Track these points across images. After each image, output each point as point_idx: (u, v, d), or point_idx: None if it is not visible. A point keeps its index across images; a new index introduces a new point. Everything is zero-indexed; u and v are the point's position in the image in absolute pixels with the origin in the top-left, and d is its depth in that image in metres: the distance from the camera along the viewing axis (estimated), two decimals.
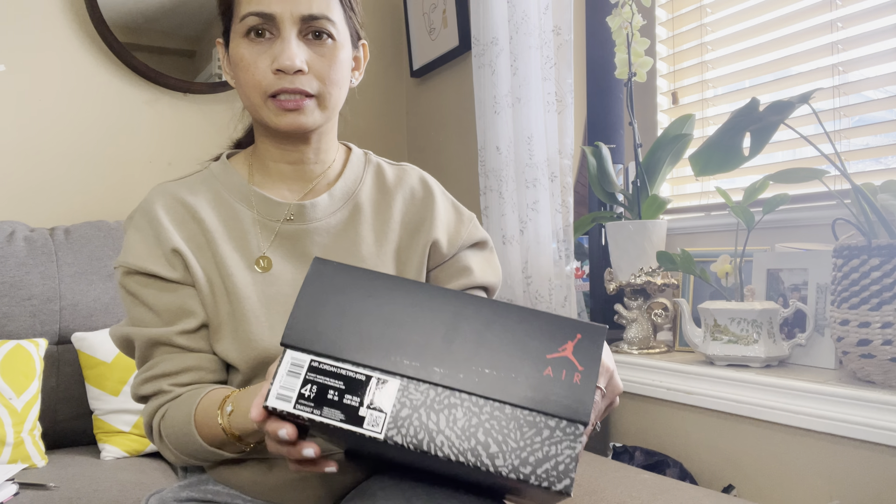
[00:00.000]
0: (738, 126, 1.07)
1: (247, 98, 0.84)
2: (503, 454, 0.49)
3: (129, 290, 0.85)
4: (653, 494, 1.09)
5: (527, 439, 0.49)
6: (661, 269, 1.44)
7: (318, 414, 0.51)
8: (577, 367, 0.50)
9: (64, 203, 1.97)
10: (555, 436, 0.49)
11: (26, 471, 1.42)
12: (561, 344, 0.50)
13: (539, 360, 0.50)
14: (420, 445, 0.49)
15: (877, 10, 1.25)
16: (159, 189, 0.88)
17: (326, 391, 0.51)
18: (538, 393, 0.49)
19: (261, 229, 0.87)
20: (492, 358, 0.50)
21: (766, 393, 1.16)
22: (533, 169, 1.62)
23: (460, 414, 0.50)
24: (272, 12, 0.80)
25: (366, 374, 0.51)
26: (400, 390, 0.51)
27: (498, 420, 0.49)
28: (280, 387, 0.52)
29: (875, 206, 1.03)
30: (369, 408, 0.50)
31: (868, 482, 1.07)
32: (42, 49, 1.95)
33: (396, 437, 0.50)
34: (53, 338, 1.63)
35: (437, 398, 0.50)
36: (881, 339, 1.01)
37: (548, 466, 0.48)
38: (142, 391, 0.84)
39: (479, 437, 0.49)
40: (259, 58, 0.81)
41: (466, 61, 2.13)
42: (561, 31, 1.64)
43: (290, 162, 0.89)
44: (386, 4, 2.47)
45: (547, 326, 0.51)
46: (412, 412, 0.50)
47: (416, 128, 2.47)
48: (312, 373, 0.52)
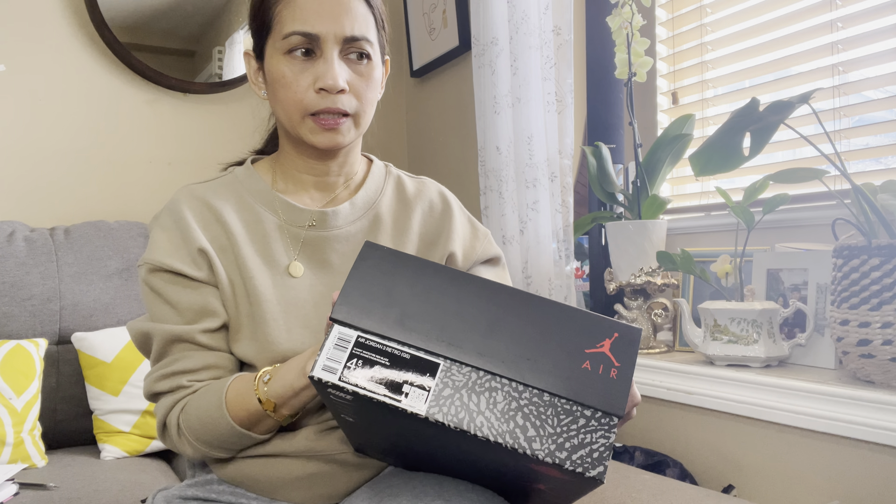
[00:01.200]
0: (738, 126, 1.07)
1: (285, 114, 0.86)
2: (540, 438, 0.50)
3: (153, 288, 0.86)
4: (653, 494, 1.09)
5: (563, 426, 0.51)
6: (661, 269, 1.44)
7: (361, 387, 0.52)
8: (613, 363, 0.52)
9: (64, 203, 1.97)
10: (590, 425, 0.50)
11: (26, 471, 1.42)
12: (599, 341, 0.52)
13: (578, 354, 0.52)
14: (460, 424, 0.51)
15: (877, 10, 1.25)
16: (185, 191, 0.90)
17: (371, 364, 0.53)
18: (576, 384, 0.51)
19: (284, 235, 0.89)
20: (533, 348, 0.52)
21: (766, 393, 1.16)
22: (533, 169, 1.62)
23: (500, 398, 0.51)
24: (317, 33, 0.82)
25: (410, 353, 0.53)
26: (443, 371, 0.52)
27: (536, 406, 0.51)
28: (327, 358, 0.54)
29: (875, 206, 1.03)
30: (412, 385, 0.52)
31: (868, 482, 1.07)
32: (42, 49, 1.95)
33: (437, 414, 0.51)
34: (53, 338, 1.63)
35: (479, 381, 0.52)
36: (881, 339, 1.01)
37: (583, 453, 0.50)
38: (157, 387, 0.85)
39: (517, 421, 0.51)
40: (300, 76, 0.83)
41: (466, 61, 2.14)
42: (561, 31, 1.64)
43: (315, 174, 0.92)
44: (386, 4, 2.47)
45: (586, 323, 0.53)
46: (454, 392, 0.52)
47: (416, 128, 2.47)
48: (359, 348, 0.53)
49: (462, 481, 0.75)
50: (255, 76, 0.91)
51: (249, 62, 0.92)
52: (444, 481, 0.73)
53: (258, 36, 0.88)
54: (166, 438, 0.86)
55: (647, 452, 1.38)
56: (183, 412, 0.83)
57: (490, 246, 0.99)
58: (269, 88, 0.88)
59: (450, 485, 0.73)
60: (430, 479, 0.75)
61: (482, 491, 0.73)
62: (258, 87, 0.91)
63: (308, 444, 0.83)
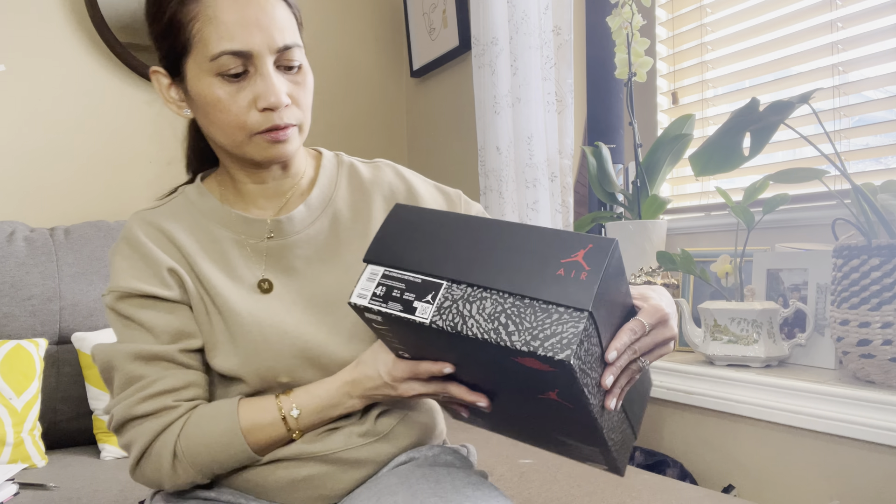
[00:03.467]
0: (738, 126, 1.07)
1: (224, 136, 0.81)
2: (518, 332, 0.60)
3: (123, 314, 0.82)
4: (653, 494, 1.09)
5: (539, 321, 0.60)
6: (661, 269, 1.44)
7: (384, 306, 0.67)
8: (584, 268, 0.60)
9: (64, 203, 1.97)
10: (562, 319, 0.59)
11: (26, 471, 1.42)
12: (574, 251, 0.62)
13: (554, 263, 0.62)
14: (455, 327, 0.63)
15: (877, 10, 1.25)
16: (136, 218, 0.87)
17: (392, 290, 0.68)
18: (552, 287, 0.61)
19: (244, 250, 0.87)
20: (518, 263, 0.63)
21: (766, 393, 1.16)
22: (533, 169, 1.62)
23: (488, 304, 0.63)
24: (248, 49, 0.76)
25: (421, 278, 0.67)
26: (445, 289, 0.65)
27: (518, 308, 0.62)
28: (360, 289, 0.69)
29: (875, 206, 1.03)
30: (421, 301, 0.66)
31: (868, 482, 1.07)
32: (42, 49, 1.95)
33: (438, 321, 0.64)
34: (53, 338, 1.63)
35: (472, 293, 0.64)
36: (881, 339, 1.01)
37: (553, 340, 0.59)
38: (136, 411, 0.79)
39: (500, 321, 0.61)
40: (237, 96, 0.78)
41: (466, 61, 2.14)
42: (561, 31, 1.64)
43: (259, 182, 0.88)
44: (386, 4, 2.47)
45: (566, 238, 0.63)
46: (452, 304, 0.64)
47: (416, 128, 2.47)
48: (384, 279, 0.69)
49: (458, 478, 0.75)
50: (167, 93, 0.85)
51: (159, 80, 0.85)
52: (442, 480, 0.74)
53: (171, 54, 0.81)
54: (146, 466, 0.80)
55: (647, 452, 1.38)
56: (182, 438, 0.79)
57: (469, 206, 0.96)
58: (198, 110, 0.82)
59: (447, 483, 0.73)
60: (428, 477, 0.75)
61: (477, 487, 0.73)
62: (177, 106, 0.85)
63: (304, 446, 0.83)
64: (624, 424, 0.75)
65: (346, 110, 2.40)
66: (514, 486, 1.16)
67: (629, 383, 0.68)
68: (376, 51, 2.46)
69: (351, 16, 2.42)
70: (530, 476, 1.21)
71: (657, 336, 0.69)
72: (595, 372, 0.63)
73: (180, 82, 0.82)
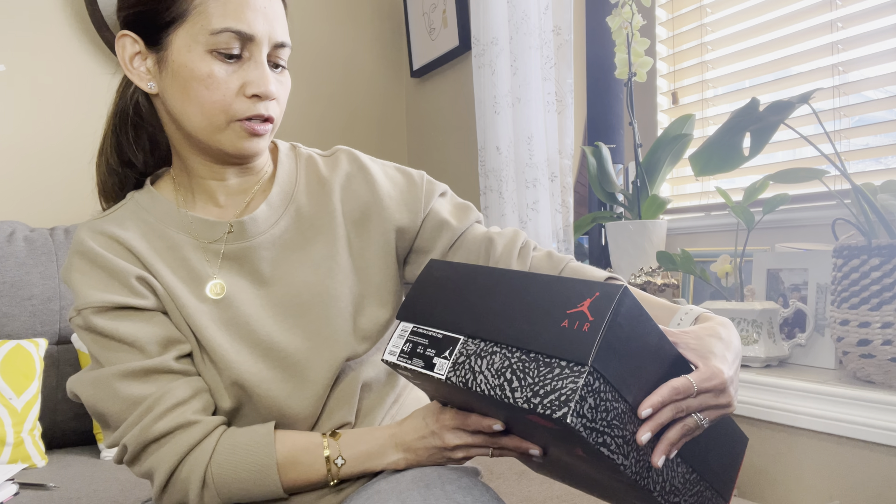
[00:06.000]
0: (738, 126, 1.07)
1: (203, 118, 0.76)
2: (521, 388, 0.59)
3: (100, 332, 0.76)
4: None
5: (541, 376, 0.58)
6: (661, 269, 1.44)
7: (409, 363, 0.68)
8: (587, 318, 0.58)
9: (64, 203, 1.97)
10: (563, 374, 0.57)
11: (26, 471, 1.42)
12: (581, 301, 0.59)
13: (560, 315, 0.60)
14: (466, 383, 0.63)
15: (877, 10, 1.25)
16: (84, 228, 0.81)
17: (417, 347, 0.69)
18: (556, 340, 0.58)
19: (203, 253, 0.82)
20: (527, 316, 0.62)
21: (766, 393, 1.16)
22: (533, 169, 1.62)
23: (497, 360, 0.62)
24: (253, 33, 0.75)
25: (443, 334, 0.68)
26: (461, 344, 0.65)
27: (524, 363, 0.60)
28: (392, 346, 0.71)
29: (875, 206, 1.03)
30: (440, 357, 0.66)
31: (868, 482, 1.07)
32: (42, 49, 1.96)
33: (452, 377, 0.64)
34: (53, 338, 1.63)
35: (484, 348, 0.64)
36: (881, 339, 1.01)
37: (552, 397, 0.56)
38: (155, 431, 0.74)
39: (506, 376, 0.60)
40: (230, 78, 0.75)
41: (466, 61, 2.13)
42: (561, 31, 1.64)
43: (220, 179, 0.83)
44: (386, 4, 2.47)
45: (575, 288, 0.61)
46: (465, 359, 0.64)
47: (416, 128, 2.47)
48: (412, 335, 0.70)
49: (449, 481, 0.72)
50: (133, 61, 0.79)
51: (124, 45, 0.79)
52: (432, 484, 0.71)
53: (155, 20, 0.76)
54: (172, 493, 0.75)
55: None
56: (214, 466, 0.74)
57: (433, 186, 0.91)
58: (175, 85, 0.76)
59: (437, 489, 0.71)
60: (418, 482, 0.72)
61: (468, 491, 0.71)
62: (141, 77, 0.79)
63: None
64: (698, 486, 0.69)
65: (346, 110, 2.40)
66: (514, 486, 1.16)
67: (682, 439, 0.62)
68: (376, 51, 2.46)
69: (351, 16, 2.42)
70: (530, 475, 1.21)
71: (706, 401, 0.62)
72: (620, 429, 0.58)
73: (156, 52, 0.77)
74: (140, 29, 0.78)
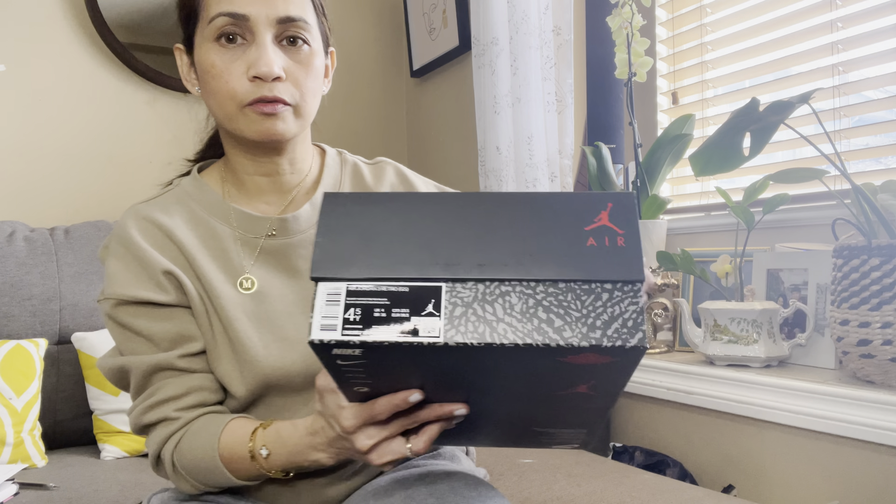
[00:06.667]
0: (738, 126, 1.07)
1: (220, 108, 0.78)
2: (569, 325, 0.48)
3: (120, 322, 0.80)
4: (653, 494, 1.09)
5: (588, 306, 0.48)
6: (661, 269, 1.44)
7: (368, 334, 0.49)
8: (617, 232, 0.50)
9: (64, 203, 1.97)
10: (614, 297, 0.48)
11: (26, 471, 1.42)
12: (595, 215, 0.50)
13: (579, 234, 0.50)
14: (483, 338, 0.48)
15: (877, 10, 1.25)
16: (131, 213, 0.83)
17: (372, 310, 0.49)
18: (587, 263, 0.49)
19: (242, 246, 0.83)
20: (532, 243, 0.50)
21: (766, 393, 1.16)
22: (533, 169, 1.62)
23: (515, 299, 0.49)
24: (246, 13, 0.74)
25: (409, 286, 0.50)
26: (447, 292, 0.49)
27: (555, 296, 0.49)
28: (322, 317, 0.49)
29: (875, 206, 1.03)
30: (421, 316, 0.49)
31: (868, 482, 1.07)
32: (42, 49, 1.96)
33: (457, 336, 0.48)
34: (53, 338, 1.63)
35: (488, 291, 0.49)
36: (881, 339, 1.01)
37: (617, 325, 0.47)
38: (144, 420, 0.80)
39: (540, 316, 0.48)
40: (232, 65, 0.76)
41: (466, 61, 2.13)
42: (561, 31, 1.64)
43: (265, 174, 0.85)
44: (386, 4, 2.47)
45: (576, 203, 0.51)
46: (466, 309, 0.49)
47: (416, 128, 2.47)
48: (352, 297, 0.50)
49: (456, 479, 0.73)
50: (187, 72, 0.83)
51: (181, 57, 0.83)
52: (438, 481, 0.73)
53: (186, 25, 0.80)
54: (160, 471, 0.82)
55: (647, 452, 1.38)
56: (177, 451, 0.78)
57: None
58: (201, 82, 0.80)
59: (443, 485, 0.72)
60: (424, 479, 0.74)
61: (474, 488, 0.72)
62: (191, 83, 0.83)
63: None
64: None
65: (346, 110, 2.40)
66: (514, 486, 1.16)
67: None
68: (376, 51, 2.46)
69: (351, 16, 2.42)
70: (530, 476, 1.21)
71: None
72: None
73: (192, 56, 0.81)
74: (183, 39, 0.83)
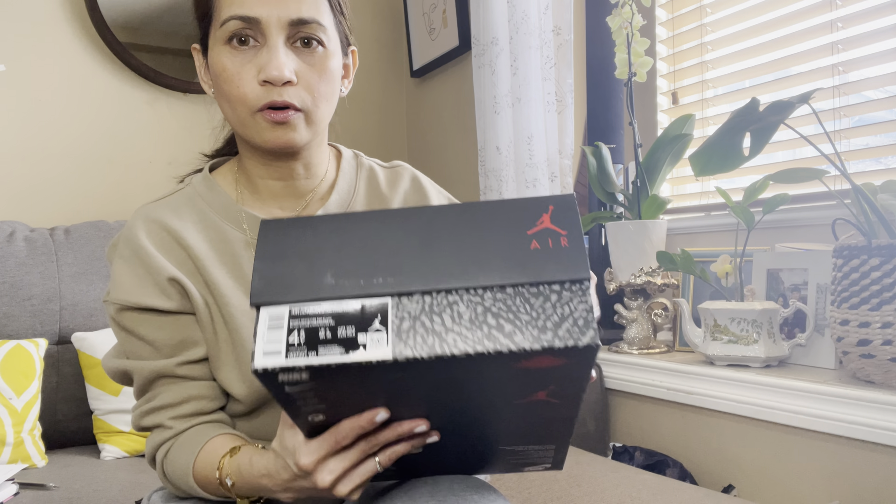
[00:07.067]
0: (738, 126, 1.07)
1: (232, 113, 0.77)
2: (520, 329, 0.47)
3: (124, 327, 0.80)
4: (653, 494, 1.09)
5: (538, 309, 0.48)
6: (661, 269, 1.44)
7: (314, 356, 0.47)
8: (560, 233, 0.50)
9: (64, 203, 1.97)
10: (563, 297, 0.48)
11: (26, 471, 1.42)
12: (537, 218, 0.51)
13: (522, 238, 0.50)
14: (433, 351, 0.47)
15: (877, 10, 1.25)
16: (141, 214, 0.82)
17: (317, 332, 0.48)
18: (533, 265, 0.49)
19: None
20: (475, 251, 0.50)
21: (766, 393, 1.16)
22: (533, 169, 1.62)
23: (463, 308, 0.49)
24: (257, 16, 0.73)
25: (352, 305, 0.49)
26: (393, 307, 0.49)
27: (503, 301, 0.49)
28: (265, 343, 0.48)
29: (875, 206, 1.03)
30: (367, 333, 0.48)
31: (868, 482, 1.07)
32: (42, 49, 1.95)
33: (405, 350, 0.47)
34: (53, 338, 1.63)
35: (434, 301, 0.49)
36: (881, 339, 1.01)
37: (567, 325, 0.47)
38: (143, 423, 0.81)
39: (490, 322, 0.48)
40: (243, 68, 0.74)
41: (466, 61, 2.13)
42: (561, 31, 1.64)
43: (279, 178, 0.83)
44: (386, 4, 2.47)
45: (518, 208, 0.51)
46: (413, 322, 0.48)
47: (416, 128, 2.47)
48: (295, 319, 0.49)
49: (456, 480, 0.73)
50: (203, 73, 0.82)
51: (197, 58, 0.82)
52: (440, 482, 0.73)
53: (202, 25, 0.80)
54: (155, 470, 0.82)
55: (647, 452, 1.38)
56: (166, 460, 0.79)
57: None
58: (214, 85, 0.78)
59: (444, 485, 0.72)
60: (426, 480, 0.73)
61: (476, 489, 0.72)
62: (207, 84, 0.82)
63: None
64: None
65: (345, 110, 2.40)
66: (514, 486, 1.16)
67: None
68: (376, 51, 2.46)
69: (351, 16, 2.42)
70: (530, 476, 1.22)
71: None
72: None
73: (206, 58, 0.80)
74: (199, 39, 0.82)
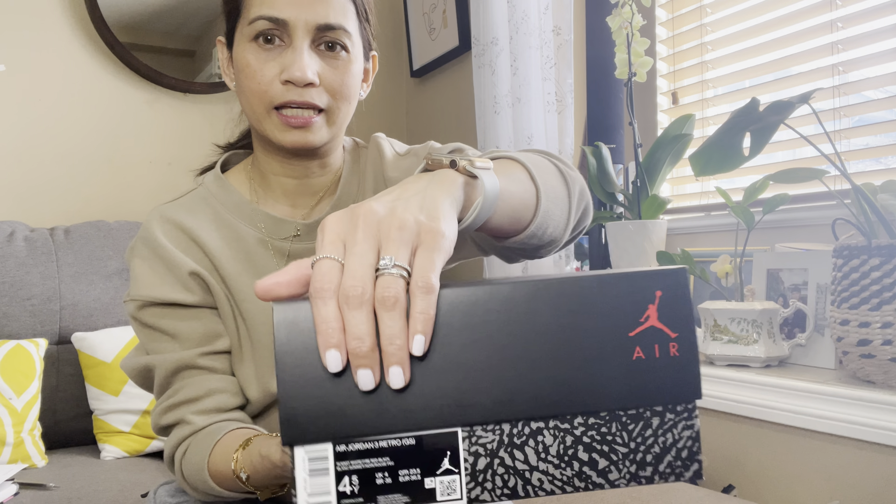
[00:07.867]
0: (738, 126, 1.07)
1: (249, 107, 0.79)
2: (615, 465, 0.40)
3: (146, 323, 0.80)
4: (653, 494, 1.09)
5: (636, 438, 0.40)
6: None
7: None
8: (669, 336, 0.40)
9: (64, 203, 1.97)
10: (666, 422, 0.40)
11: (26, 471, 1.42)
12: (642, 313, 0.40)
13: (623, 343, 0.40)
14: (515, 493, 0.39)
15: (877, 10, 1.25)
16: (156, 214, 0.83)
17: (373, 476, 0.38)
18: (633, 382, 0.40)
19: (268, 249, 0.82)
20: (563, 363, 0.40)
21: (766, 393, 1.16)
22: None
23: (549, 439, 0.40)
24: (285, 18, 0.74)
25: (414, 438, 0.39)
26: (465, 440, 0.39)
27: (597, 429, 0.40)
28: (308, 495, 0.38)
29: (875, 206, 1.03)
30: (436, 476, 0.39)
31: (868, 482, 1.07)
32: (42, 49, 1.96)
33: (483, 495, 0.39)
34: (53, 338, 1.63)
35: (515, 431, 0.40)
36: (881, 339, 1.01)
37: (670, 458, 0.41)
38: (163, 421, 0.79)
39: (580, 458, 0.40)
40: (266, 65, 0.76)
41: (466, 61, 2.13)
42: (561, 31, 1.64)
43: (294, 177, 0.83)
44: (386, 4, 2.47)
45: (618, 295, 0.40)
46: (490, 459, 0.39)
47: (416, 128, 2.47)
48: (343, 460, 0.38)
49: None
50: (226, 66, 0.83)
51: (222, 50, 0.84)
52: None
53: (230, 20, 0.81)
54: (174, 473, 0.81)
55: None
56: (184, 459, 0.77)
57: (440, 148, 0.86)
58: (236, 79, 0.80)
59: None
60: None
61: None
62: (229, 77, 0.83)
63: None
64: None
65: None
66: None
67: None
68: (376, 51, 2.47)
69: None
70: None
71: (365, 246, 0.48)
72: None
73: (231, 52, 0.81)
74: (225, 32, 0.83)
